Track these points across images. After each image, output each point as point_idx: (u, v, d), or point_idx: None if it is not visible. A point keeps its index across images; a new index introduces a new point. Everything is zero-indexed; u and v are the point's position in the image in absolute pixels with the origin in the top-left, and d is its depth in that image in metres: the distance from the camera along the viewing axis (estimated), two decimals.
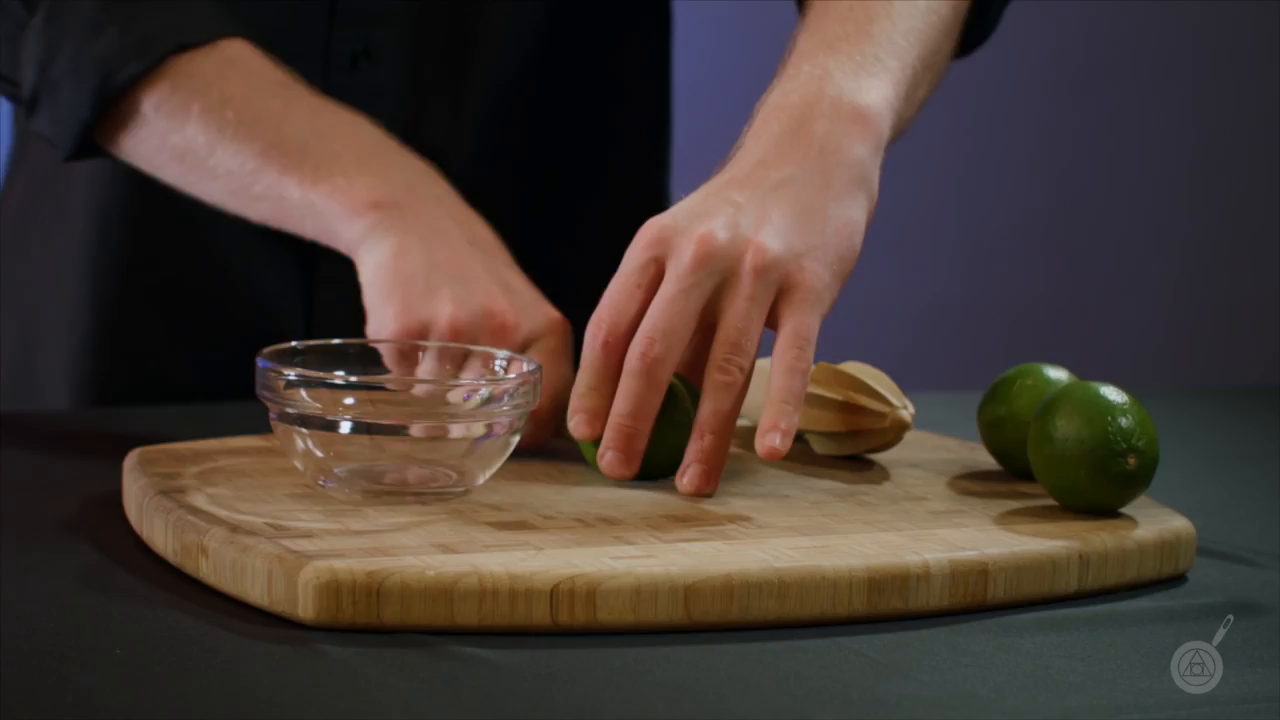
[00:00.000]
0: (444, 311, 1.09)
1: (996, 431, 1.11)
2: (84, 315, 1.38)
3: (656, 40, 1.49)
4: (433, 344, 1.08)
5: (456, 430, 0.99)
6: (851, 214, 1.06)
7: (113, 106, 1.19)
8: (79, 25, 1.20)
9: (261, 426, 1.06)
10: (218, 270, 1.36)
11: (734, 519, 0.99)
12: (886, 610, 0.92)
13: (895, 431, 1.10)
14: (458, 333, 1.08)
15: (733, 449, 1.12)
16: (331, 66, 1.34)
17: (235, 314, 1.37)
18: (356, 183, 1.13)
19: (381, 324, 1.10)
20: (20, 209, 1.42)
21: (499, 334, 1.09)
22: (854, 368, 1.12)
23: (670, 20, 1.50)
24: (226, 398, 1.34)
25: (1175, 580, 1.01)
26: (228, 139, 1.17)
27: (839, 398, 1.11)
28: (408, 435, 0.98)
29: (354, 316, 1.17)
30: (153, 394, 1.37)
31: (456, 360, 1.07)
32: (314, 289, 1.36)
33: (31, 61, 1.21)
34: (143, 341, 1.38)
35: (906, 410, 1.10)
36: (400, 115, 1.35)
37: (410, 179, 1.15)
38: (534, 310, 1.11)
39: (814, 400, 1.11)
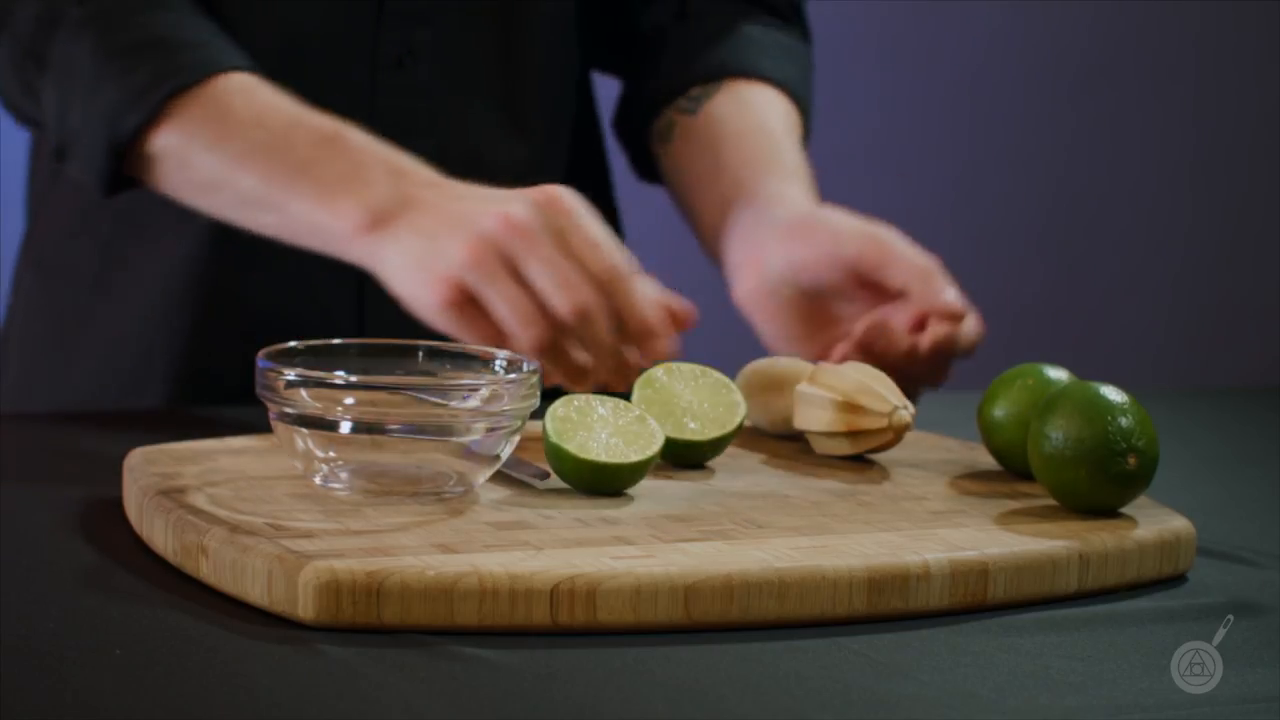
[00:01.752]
0: (459, 256, 1.13)
1: (996, 431, 1.11)
2: (171, 327, 1.39)
3: None
4: (431, 344, 1.08)
5: (456, 430, 0.99)
6: None
7: (128, 152, 1.26)
8: (81, 81, 1.27)
9: (261, 426, 1.06)
10: (269, 268, 1.36)
11: (734, 519, 0.99)
12: (886, 610, 0.92)
13: (895, 432, 1.10)
14: (479, 264, 1.13)
15: (732, 446, 1.12)
16: (378, 66, 1.37)
17: (289, 311, 1.38)
18: (343, 209, 1.19)
19: (424, 310, 1.16)
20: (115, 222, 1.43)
21: (514, 240, 1.13)
22: (853, 368, 1.12)
23: None
24: None
25: (1175, 580, 1.01)
26: (230, 173, 1.23)
27: (839, 398, 1.11)
28: (408, 435, 0.98)
29: (406, 314, 1.18)
30: (220, 396, 1.38)
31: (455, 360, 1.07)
32: (365, 285, 1.36)
33: (51, 115, 1.29)
34: (206, 345, 1.39)
35: (907, 410, 1.10)
36: (443, 115, 1.38)
37: (388, 185, 1.19)
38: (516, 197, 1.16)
39: (814, 400, 1.11)
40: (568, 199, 1.15)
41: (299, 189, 1.21)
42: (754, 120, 1.39)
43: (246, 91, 1.25)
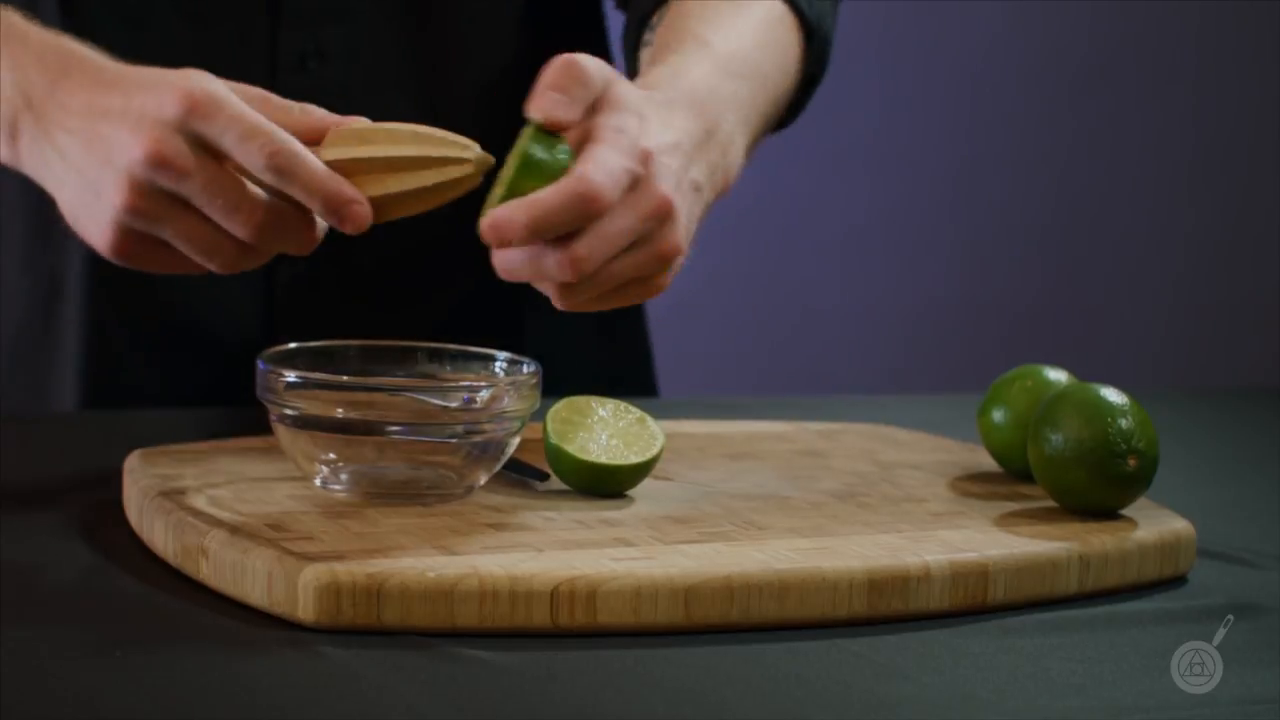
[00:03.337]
0: (117, 203, 1.04)
1: (996, 433, 1.11)
2: (73, 330, 1.37)
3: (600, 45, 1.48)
4: (431, 345, 1.08)
5: (456, 431, 0.99)
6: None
7: None
8: None
9: (261, 427, 1.06)
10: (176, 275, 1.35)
11: (734, 520, 0.99)
12: (887, 612, 0.92)
13: (479, 169, 1.00)
14: (141, 211, 1.04)
15: (733, 447, 1.12)
16: (279, 67, 1.33)
17: (197, 319, 1.35)
18: None
19: (103, 253, 1.07)
20: None
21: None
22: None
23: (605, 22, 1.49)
24: (194, 403, 1.34)
25: (1175, 581, 1.01)
26: None
27: (412, 153, 1.01)
28: (408, 436, 0.98)
29: (315, 317, 1.15)
30: (129, 404, 1.36)
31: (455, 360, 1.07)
32: (274, 291, 1.35)
33: None
34: (112, 351, 1.37)
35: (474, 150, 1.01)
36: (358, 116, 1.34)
37: (10, 89, 1.08)
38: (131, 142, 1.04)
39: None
40: (204, 94, 1.02)
41: None
42: (680, 32, 1.22)
43: None
